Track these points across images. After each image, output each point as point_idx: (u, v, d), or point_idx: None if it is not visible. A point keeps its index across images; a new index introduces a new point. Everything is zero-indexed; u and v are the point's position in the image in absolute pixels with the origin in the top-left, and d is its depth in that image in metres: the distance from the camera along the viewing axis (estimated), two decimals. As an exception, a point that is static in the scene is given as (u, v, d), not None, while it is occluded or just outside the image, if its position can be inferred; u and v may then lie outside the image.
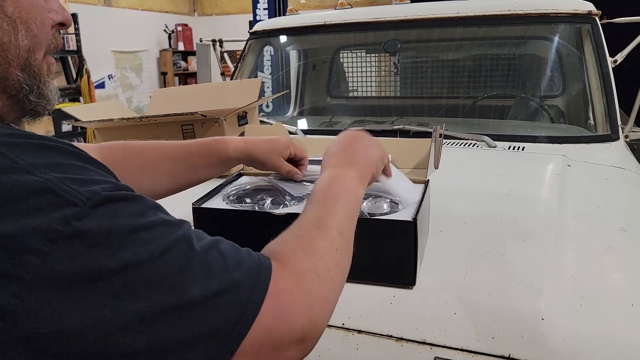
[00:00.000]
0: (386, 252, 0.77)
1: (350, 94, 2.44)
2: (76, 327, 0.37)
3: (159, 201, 0.51)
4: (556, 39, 1.88)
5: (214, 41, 2.44)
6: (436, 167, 0.96)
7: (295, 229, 0.57)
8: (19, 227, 0.37)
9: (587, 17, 1.73)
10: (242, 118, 1.44)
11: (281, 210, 0.81)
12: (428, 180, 0.94)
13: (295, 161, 0.93)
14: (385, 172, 0.80)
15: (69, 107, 1.54)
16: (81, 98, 5.94)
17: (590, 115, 1.70)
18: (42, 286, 0.36)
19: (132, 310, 0.39)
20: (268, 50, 2.31)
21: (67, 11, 0.57)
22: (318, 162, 1.05)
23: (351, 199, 0.63)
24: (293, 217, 0.80)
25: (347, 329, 0.74)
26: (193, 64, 8.22)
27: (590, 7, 1.75)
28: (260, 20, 4.79)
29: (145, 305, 0.39)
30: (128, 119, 1.38)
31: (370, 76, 2.30)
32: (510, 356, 0.67)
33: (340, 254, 0.56)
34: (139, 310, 0.39)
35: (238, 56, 2.26)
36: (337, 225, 0.57)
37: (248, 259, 0.47)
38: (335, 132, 1.81)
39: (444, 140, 1.61)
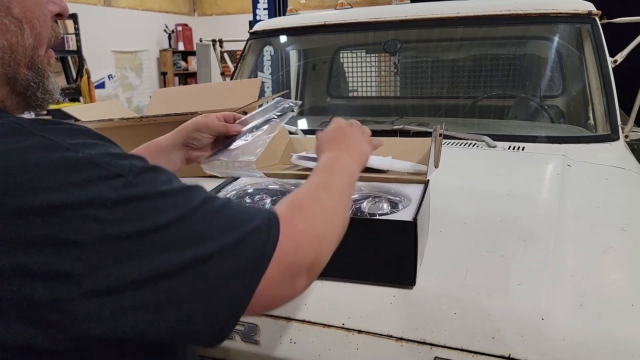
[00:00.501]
0: (386, 252, 0.77)
1: (350, 94, 2.44)
2: (136, 277, 0.43)
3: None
4: (556, 39, 1.88)
5: (214, 41, 2.45)
6: (436, 166, 0.96)
7: (302, 190, 0.62)
8: (75, 197, 0.41)
9: (587, 17, 1.73)
10: (242, 118, 1.44)
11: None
12: (428, 180, 0.94)
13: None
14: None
15: (69, 107, 1.54)
16: (81, 98, 5.94)
17: (590, 115, 1.70)
18: (103, 248, 0.41)
19: (182, 258, 0.45)
20: (268, 50, 2.31)
21: (64, 1, 0.57)
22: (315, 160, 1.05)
23: (350, 175, 0.69)
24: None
25: (347, 329, 0.74)
26: (193, 64, 8.21)
27: (590, 7, 1.75)
28: (260, 20, 4.79)
29: (192, 253, 0.45)
30: (128, 119, 1.38)
31: (370, 76, 2.30)
32: (510, 356, 0.67)
33: (341, 210, 0.63)
34: (187, 258, 0.45)
35: (238, 56, 2.26)
36: (339, 189, 0.65)
37: (259, 211, 0.54)
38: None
39: (444, 140, 1.61)
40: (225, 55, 2.47)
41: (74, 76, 6.07)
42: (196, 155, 0.88)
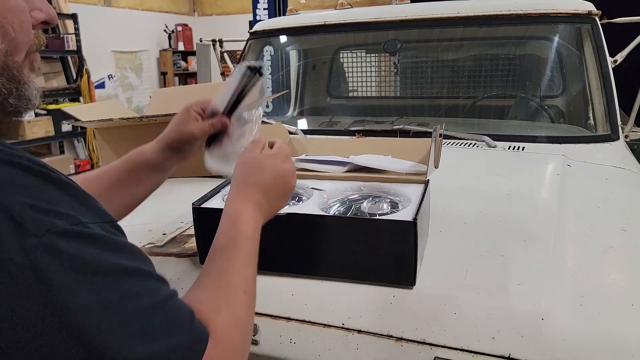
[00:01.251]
0: (386, 253, 0.77)
1: (350, 94, 2.44)
2: None
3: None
4: (556, 39, 1.88)
5: (214, 41, 2.44)
6: (436, 166, 0.96)
7: (224, 287, 0.57)
8: None
9: (587, 17, 1.73)
10: (242, 118, 1.44)
11: (281, 211, 0.81)
12: (428, 180, 0.94)
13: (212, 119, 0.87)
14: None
15: (69, 107, 1.54)
16: (81, 98, 5.93)
17: (590, 115, 1.70)
18: None
19: (76, 355, 0.39)
20: (268, 50, 2.30)
21: (52, 8, 0.56)
22: (317, 162, 1.05)
23: (255, 245, 0.64)
24: (293, 217, 0.80)
25: (347, 329, 0.74)
26: (193, 64, 8.21)
27: (590, 7, 1.75)
28: (260, 20, 4.79)
29: (90, 354, 0.39)
30: (128, 118, 1.38)
31: (370, 76, 2.30)
32: (510, 356, 0.67)
33: (252, 316, 0.60)
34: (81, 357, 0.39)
35: (238, 56, 2.26)
36: (254, 287, 0.61)
37: (188, 327, 0.48)
38: (335, 132, 1.82)
39: (444, 140, 1.61)
40: (225, 55, 2.47)
41: (74, 76, 6.07)
42: (188, 156, 0.86)
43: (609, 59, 1.70)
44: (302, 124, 2.26)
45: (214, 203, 0.87)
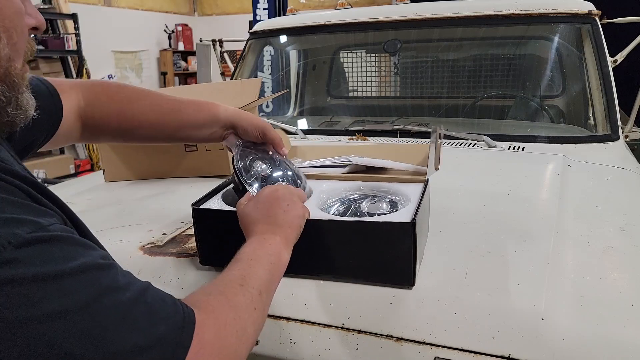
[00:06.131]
0: (385, 253, 0.77)
1: (350, 94, 2.44)
2: None
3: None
4: (556, 39, 1.88)
5: (214, 41, 2.45)
6: (436, 168, 0.96)
7: (218, 283, 0.57)
8: None
9: (587, 17, 1.73)
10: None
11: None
12: (428, 179, 0.94)
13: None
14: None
15: (69, 107, 1.54)
16: (81, 98, 5.93)
17: (590, 115, 1.70)
18: None
19: None
20: (268, 50, 2.31)
21: (40, 14, 0.55)
22: (317, 167, 1.05)
23: (274, 261, 0.65)
24: (293, 217, 0.80)
25: (347, 329, 0.74)
26: (193, 64, 8.21)
27: (590, 7, 1.75)
28: (260, 20, 4.79)
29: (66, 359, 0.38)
30: (128, 119, 1.38)
31: (370, 76, 2.30)
32: (510, 356, 0.67)
33: (258, 313, 0.58)
34: None
35: (238, 56, 2.26)
36: (259, 285, 0.59)
37: (173, 313, 0.47)
38: (335, 132, 1.82)
39: (444, 140, 1.61)
40: (225, 55, 2.48)
41: (74, 76, 6.07)
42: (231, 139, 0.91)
43: (609, 59, 1.70)
44: (302, 124, 2.26)
45: (214, 203, 0.87)
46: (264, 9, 5.22)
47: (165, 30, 8.32)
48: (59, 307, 0.38)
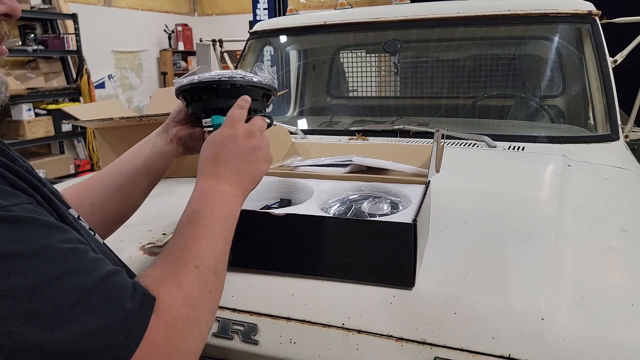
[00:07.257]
0: (386, 254, 0.77)
1: (350, 94, 2.44)
2: None
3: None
4: (556, 39, 1.88)
5: (214, 41, 2.44)
6: (437, 170, 0.96)
7: (172, 262, 0.55)
8: None
9: (587, 17, 1.73)
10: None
11: (280, 211, 0.81)
12: (429, 181, 0.94)
13: None
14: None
15: (69, 107, 1.54)
16: (81, 98, 5.94)
17: (590, 115, 1.70)
18: None
19: (20, 342, 0.38)
20: (268, 50, 2.31)
21: (16, 2, 0.55)
22: (319, 166, 1.05)
23: (230, 225, 0.62)
24: (292, 217, 0.80)
25: (347, 329, 0.74)
26: (193, 64, 8.21)
27: (590, 7, 1.75)
28: (260, 20, 4.79)
29: (15, 338, 0.38)
30: (128, 118, 1.38)
31: (370, 76, 2.30)
32: (510, 356, 0.67)
33: (213, 296, 0.56)
34: (30, 341, 0.38)
35: (238, 56, 2.26)
36: (214, 262, 0.57)
37: (129, 302, 0.46)
38: (335, 132, 1.82)
39: (444, 140, 1.60)
40: (225, 55, 2.47)
41: (74, 76, 6.07)
42: (179, 130, 0.83)
43: (609, 59, 1.70)
44: (302, 123, 2.26)
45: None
46: (264, 9, 5.22)
47: (165, 30, 8.32)
48: (6, 286, 0.39)
